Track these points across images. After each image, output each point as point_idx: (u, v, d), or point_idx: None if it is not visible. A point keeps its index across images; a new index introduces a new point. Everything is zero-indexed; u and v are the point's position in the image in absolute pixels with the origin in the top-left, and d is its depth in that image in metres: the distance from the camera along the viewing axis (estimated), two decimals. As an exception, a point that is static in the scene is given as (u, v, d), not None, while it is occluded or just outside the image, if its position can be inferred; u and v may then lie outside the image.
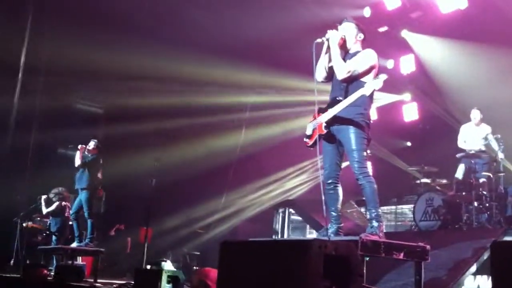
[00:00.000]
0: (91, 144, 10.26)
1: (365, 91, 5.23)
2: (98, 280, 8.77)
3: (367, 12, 12.90)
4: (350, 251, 3.37)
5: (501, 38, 10.83)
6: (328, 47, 5.54)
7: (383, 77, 5.29)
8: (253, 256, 3.51)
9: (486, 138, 9.68)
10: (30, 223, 11.85)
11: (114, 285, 7.60)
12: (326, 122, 5.36)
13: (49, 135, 13.06)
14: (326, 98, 5.62)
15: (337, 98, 5.39)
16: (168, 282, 6.19)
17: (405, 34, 13.30)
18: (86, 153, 10.18)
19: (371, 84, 5.24)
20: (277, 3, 12.45)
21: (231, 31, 13.06)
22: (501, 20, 10.95)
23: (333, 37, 5.49)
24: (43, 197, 11.57)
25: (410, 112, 13.82)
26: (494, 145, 9.48)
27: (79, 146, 10.16)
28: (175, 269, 10.72)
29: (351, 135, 5.23)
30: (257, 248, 3.61)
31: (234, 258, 3.63)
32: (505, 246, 2.74)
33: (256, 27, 12.91)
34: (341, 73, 5.38)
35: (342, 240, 4.26)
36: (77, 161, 10.12)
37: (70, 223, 11.15)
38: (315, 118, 5.53)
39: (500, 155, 9.40)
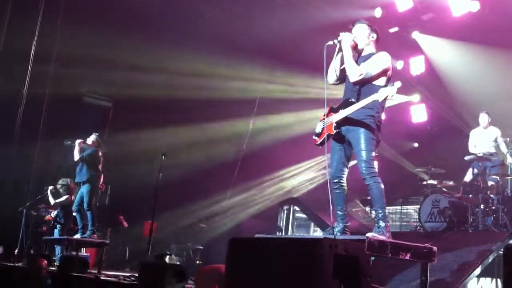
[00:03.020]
0: (91, 138, 10.31)
1: (378, 96, 5.19)
2: (102, 272, 8.80)
3: (378, 12, 12.85)
4: (360, 251, 3.37)
5: (512, 42, 10.81)
6: (340, 49, 5.54)
7: (397, 84, 5.24)
8: (262, 253, 3.52)
9: (496, 140, 9.67)
10: (48, 216, 11.90)
11: (120, 277, 7.60)
12: (336, 123, 5.37)
13: (57, 127, 13.09)
14: (337, 96, 5.62)
15: (350, 100, 5.38)
16: (173, 276, 6.18)
17: (416, 35, 13.27)
18: (84, 146, 10.21)
19: (385, 90, 5.21)
20: (288, 2, 12.42)
21: (242, 27, 13.06)
22: (513, 23, 10.91)
23: (345, 39, 5.49)
24: (50, 188, 11.63)
25: (419, 113, 13.82)
26: (503, 148, 9.48)
27: (77, 141, 10.19)
28: (179, 263, 10.79)
29: (361, 135, 5.24)
30: (266, 246, 3.61)
31: (243, 255, 3.64)
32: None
33: (266, 26, 12.92)
34: (353, 76, 5.37)
35: (351, 240, 4.25)
36: (76, 156, 10.15)
37: (74, 214, 11.23)
38: (325, 117, 5.54)
39: (509, 159, 9.39)
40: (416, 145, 14.57)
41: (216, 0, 12.81)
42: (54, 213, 11.76)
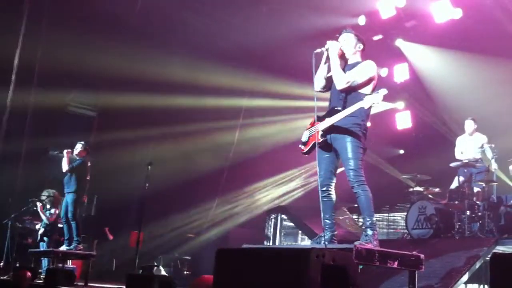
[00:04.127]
0: (78, 147, 10.12)
1: (364, 104, 5.22)
2: (89, 284, 8.71)
3: (362, 20, 12.94)
4: (348, 261, 3.36)
5: (495, 49, 10.90)
6: (328, 58, 5.56)
7: (383, 91, 5.27)
8: (250, 264, 3.49)
9: (481, 147, 9.71)
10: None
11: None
12: (323, 131, 5.37)
13: (41, 137, 13.00)
14: (322, 105, 5.63)
15: (336, 108, 5.40)
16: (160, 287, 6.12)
17: (400, 43, 13.36)
18: (73, 156, 10.09)
19: (370, 98, 5.24)
20: (273, 11, 12.45)
21: (227, 36, 13.09)
22: (495, 30, 11.01)
23: (332, 47, 5.52)
24: (38, 204, 11.45)
25: (404, 120, 13.88)
26: (489, 154, 9.52)
27: (65, 151, 10.05)
28: (166, 274, 10.72)
29: (348, 144, 5.25)
30: (254, 256, 3.59)
31: (230, 266, 3.61)
32: (505, 258, 2.74)
33: (252, 33, 12.94)
34: (340, 84, 5.40)
35: (338, 249, 4.24)
36: (65, 166, 10.00)
37: (60, 225, 11.13)
38: (312, 126, 5.54)
39: (494, 165, 9.43)
40: (401, 152, 14.63)
41: (200, 9, 12.78)
42: (39, 225, 11.61)
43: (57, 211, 11.38)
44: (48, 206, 11.46)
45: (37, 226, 11.67)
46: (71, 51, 12.44)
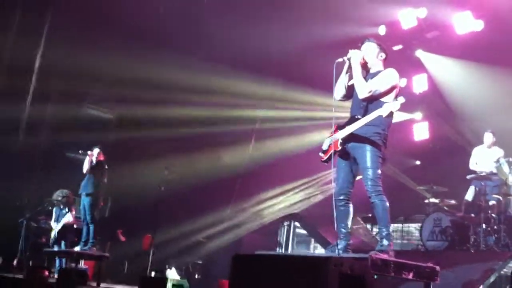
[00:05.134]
0: (96, 150, 10.27)
1: (382, 112, 5.23)
2: (101, 285, 8.75)
3: (382, 30, 12.91)
4: (365, 270, 3.34)
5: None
6: (349, 67, 5.56)
7: (401, 99, 5.31)
8: (266, 271, 3.48)
9: (498, 161, 9.63)
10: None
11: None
12: (342, 139, 5.37)
13: (58, 138, 13.09)
14: (343, 114, 5.64)
15: (356, 117, 5.40)
16: (174, 290, 6.15)
17: (420, 53, 13.30)
18: (93, 159, 10.19)
19: (388, 105, 5.25)
20: (294, 19, 12.44)
21: (246, 44, 13.08)
22: (517, 43, 10.93)
23: (354, 56, 5.52)
24: (58, 199, 11.50)
25: (421, 131, 13.78)
26: (506, 168, 9.42)
27: (89, 153, 10.16)
28: (179, 277, 10.75)
29: (367, 153, 5.24)
30: (270, 263, 3.58)
31: (246, 272, 3.61)
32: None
33: (272, 42, 12.95)
34: (362, 93, 5.39)
35: (355, 259, 4.22)
36: (86, 167, 10.12)
37: (75, 226, 11.19)
38: (333, 134, 5.53)
39: (511, 178, 9.35)
40: (418, 163, 14.54)
41: (220, 15, 12.81)
42: (57, 227, 11.55)
43: (73, 212, 11.43)
44: (61, 207, 11.50)
45: (53, 226, 11.63)
46: (91, 54, 12.52)
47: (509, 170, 9.40)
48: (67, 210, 11.40)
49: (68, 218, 11.35)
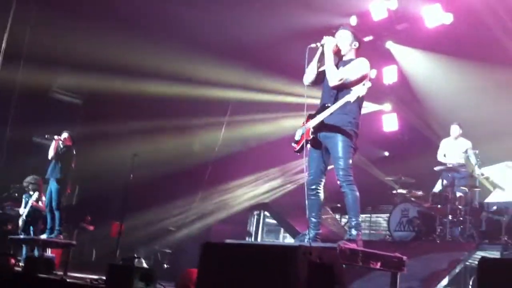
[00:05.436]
0: (64, 135, 10.10)
1: (349, 97, 5.24)
2: (68, 274, 8.64)
3: (353, 20, 12.92)
4: (334, 259, 3.35)
5: (484, 55, 10.95)
6: (322, 53, 5.54)
7: (367, 84, 5.35)
8: (235, 259, 3.47)
9: (466, 152, 9.78)
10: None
11: (87, 280, 7.47)
12: (313, 128, 5.36)
13: (25, 123, 12.87)
14: (314, 102, 5.63)
15: (326, 105, 5.40)
16: (141, 279, 6.10)
17: (390, 45, 13.40)
18: (60, 143, 10.02)
19: (356, 90, 5.27)
20: (266, 7, 12.40)
21: (217, 29, 13.02)
22: (485, 37, 11.06)
23: (328, 43, 5.50)
24: (34, 195, 11.28)
25: (390, 122, 13.90)
26: (473, 159, 9.56)
27: (55, 137, 9.98)
28: (147, 266, 10.68)
29: (339, 142, 5.24)
30: (240, 251, 3.57)
31: (216, 260, 3.59)
32: (493, 263, 2.75)
33: (243, 29, 12.89)
34: (333, 80, 5.38)
35: (324, 248, 4.24)
36: (51, 152, 9.95)
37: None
38: (304, 124, 5.53)
39: (477, 170, 9.49)
40: (386, 154, 14.68)
41: (193, 1, 12.69)
42: (24, 212, 11.37)
43: (43, 198, 11.24)
44: (30, 193, 11.31)
45: (21, 212, 11.41)
46: (59, 37, 12.32)
47: (475, 162, 9.54)
48: (37, 196, 11.19)
49: (36, 200, 11.14)
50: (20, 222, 11.22)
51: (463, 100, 11.55)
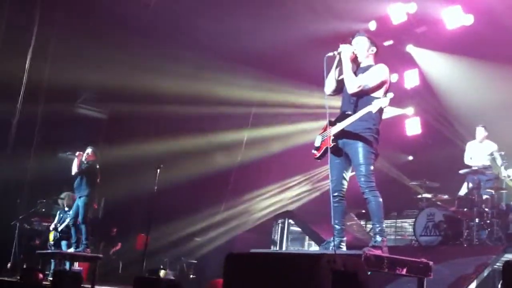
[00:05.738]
0: (88, 151, 10.19)
1: (371, 108, 5.22)
2: (96, 286, 8.71)
3: (372, 25, 12.87)
4: (359, 267, 3.33)
5: (507, 55, 10.83)
6: (340, 61, 5.54)
7: (390, 95, 5.31)
8: (260, 269, 3.47)
9: (491, 154, 9.66)
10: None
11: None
12: (334, 135, 5.35)
13: (50, 139, 13.03)
14: (334, 110, 5.62)
15: (346, 113, 5.39)
16: (168, 291, 6.13)
17: (410, 48, 13.30)
18: (83, 160, 10.11)
19: (378, 101, 5.23)
20: (284, 14, 12.42)
21: (237, 40, 13.06)
22: (507, 37, 10.95)
23: (345, 51, 5.50)
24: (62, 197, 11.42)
25: (413, 126, 13.79)
26: (499, 161, 9.45)
27: (77, 153, 10.08)
28: (173, 278, 10.72)
29: (359, 149, 5.22)
30: (264, 261, 3.57)
31: (240, 271, 3.59)
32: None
33: (262, 37, 12.92)
34: (352, 88, 5.38)
35: (349, 255, 4.22)
36: (74, 169, 10.03)
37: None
38: (324, 131, 5.52)
39: (503, 172, 9.38)
40: (410, 158, 14.57)
41: (211, 13, 12.76)
42: (59, 227, 11.44)
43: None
44: (66, 209, 11.40)
45: (53, 226, 11.49)
46: (84, 53, 12.48)
47: (501, 163, 9.43)
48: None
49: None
50: (52, 237, 11.32)
51: (487, 102, 11.41)
